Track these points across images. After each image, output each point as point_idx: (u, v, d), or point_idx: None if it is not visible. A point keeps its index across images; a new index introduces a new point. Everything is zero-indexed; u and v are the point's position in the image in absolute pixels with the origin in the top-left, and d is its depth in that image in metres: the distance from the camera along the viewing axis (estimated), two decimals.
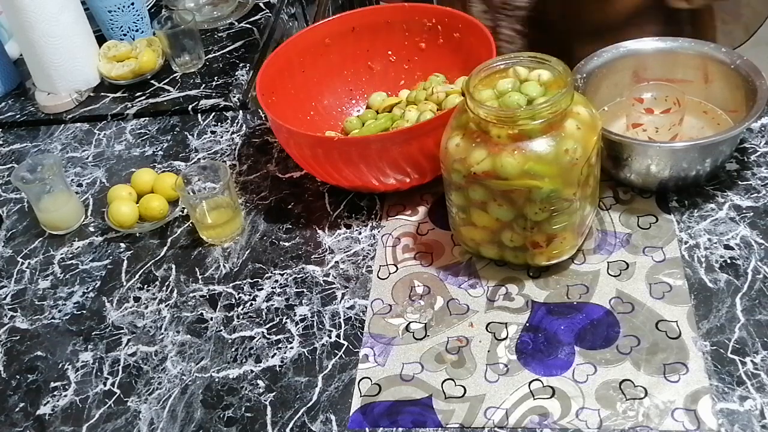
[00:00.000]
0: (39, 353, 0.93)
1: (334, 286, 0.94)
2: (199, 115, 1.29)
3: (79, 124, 1.32)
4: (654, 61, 1.02)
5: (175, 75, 1.39)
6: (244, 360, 0.88)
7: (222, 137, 1.22)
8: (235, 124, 1.24)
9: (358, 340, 0.87)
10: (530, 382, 0.80)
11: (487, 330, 0.85)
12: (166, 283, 0.99)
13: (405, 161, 0.95)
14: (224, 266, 0.99)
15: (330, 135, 1.11)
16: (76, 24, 1.34)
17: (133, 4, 1.44)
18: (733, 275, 0.86)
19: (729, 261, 0.87)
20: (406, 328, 0.87)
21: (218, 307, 0.94)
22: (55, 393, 0.88)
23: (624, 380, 0.78)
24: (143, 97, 1.35)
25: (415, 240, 0.98)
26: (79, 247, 1.07)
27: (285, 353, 0.87)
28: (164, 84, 1.38)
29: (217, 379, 0.86)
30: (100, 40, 1.44)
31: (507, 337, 0.84)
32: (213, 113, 1.28)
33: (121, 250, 1.05)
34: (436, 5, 1.15)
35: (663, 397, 0.76)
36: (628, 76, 1.04)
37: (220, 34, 1.49)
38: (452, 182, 0.87)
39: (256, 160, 1.15)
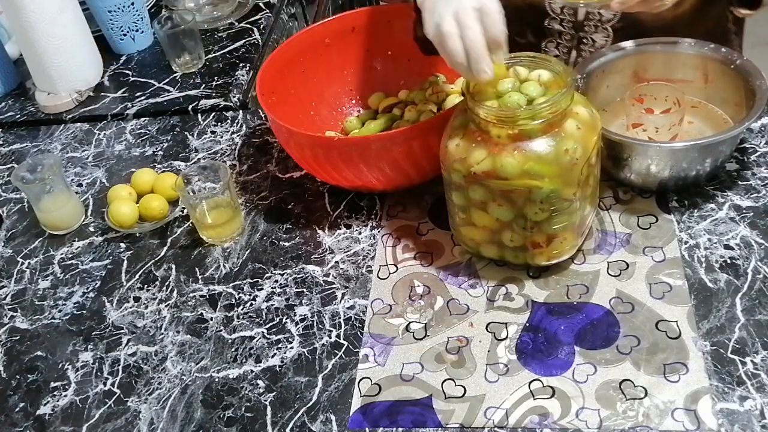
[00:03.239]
0: (39, 353, 0.93)
1: (334, 286, 0.94)
2: (199, 115, 1.29)
3: (79, 124, 1.32)
4: (654, 61, 1.02)
5: (175, 75, 1.39)
6: (244, 360, 0.88)
7: (222, 137, 1.22)
8: (235, 124, 1.24)
9: (358, 340, 0.87)
10: (530, 382, 0.80)
11: (487, 330, 0.85)
12: (166, 283, 0.99)
13: (405, 161, 0.95)
14: (224, 266, 0.99)
15: (330, 135, 1.11)
16: (75, 24, 1.34)
17: (133, 4, 1.44)
18: (733, 275, 0.86)
19: (729, 261, 0.87)
20: (406, 328, 0.87)
21: (218, 307, 0.94)
22: (55, 393, 0.88)
23: (624, 380, 0.78)
24: (143, 97, 1.35)
25: (415, 240, 0.98)
26: (79, 247, 1.07)
27: (285, 353, 0.87)
28: (164, 84, 1.38)
29: (217, 379, 0.86)
30: (100, 40, 1.44)
31: (507, 337, 0.84)
32: (213, 113, 1.28)
33: (121, 250, 1.05)
34: None
35: (663, 397, 0.76)
36: (628, 76, 1.04)
37: (220, 34, 1.49)
38: (452, 182, 0.87)
39: (256, 160, 1.15)
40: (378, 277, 0.94)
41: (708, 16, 1.12)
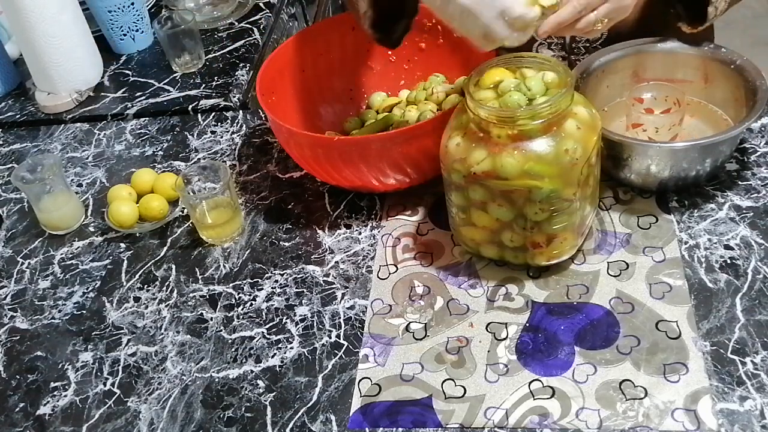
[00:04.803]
0: (39, 353, 0.93)
1: (334, 286, 0.94)
2: (199, 115, 1.29)
3: (79, 124, 1.32)
4: (654, 61, 1.02)
5: (175, 75, 1.39)
6: (244, 360, 0.88)
7: (222, 137, 1.22)
8: (235, 124, 1.24)
9: (358, 340, 0.87)
10: (530, 382, 0.80)
11: (487, 330, 0.85)
12: (166, 283, 0.99)
13: (405, 161, 0.95)
14: (224, 266, 0.99)
15: (330, 135, 1.11)
16: (75, 24, 1.34)
17: (133, 4, 1.44)
18: (733, 275, 0.86)
19: (729, 261, 0.87)
20: (406, 328, 0.87)
21: (218, 307, 0.94)
22: (55, 393, 0.88)
23: (624, 380, 0.78)
24: (143, 97, 1.35)
25: (415, 240, 0.98)
26: (79, 247, 1.07)
27: (285, 353, 0.87)
28: (164, 84, 1.38)
29: (217, 379, 0.86)
30: (100, 40, 1.44)
31: (507, 337, 0.84)
32: (213, 113, 1.28)
33: (121, 250, 1.05)
34: None
35: (663, 397, 0.76)
36: (628, 76, 1.04)
37: (220, 34, 1.49)
38: (452, 182, 0.87)
39: (256, 160, 1.15)
40: (378, 277, 0.94)
41: None
